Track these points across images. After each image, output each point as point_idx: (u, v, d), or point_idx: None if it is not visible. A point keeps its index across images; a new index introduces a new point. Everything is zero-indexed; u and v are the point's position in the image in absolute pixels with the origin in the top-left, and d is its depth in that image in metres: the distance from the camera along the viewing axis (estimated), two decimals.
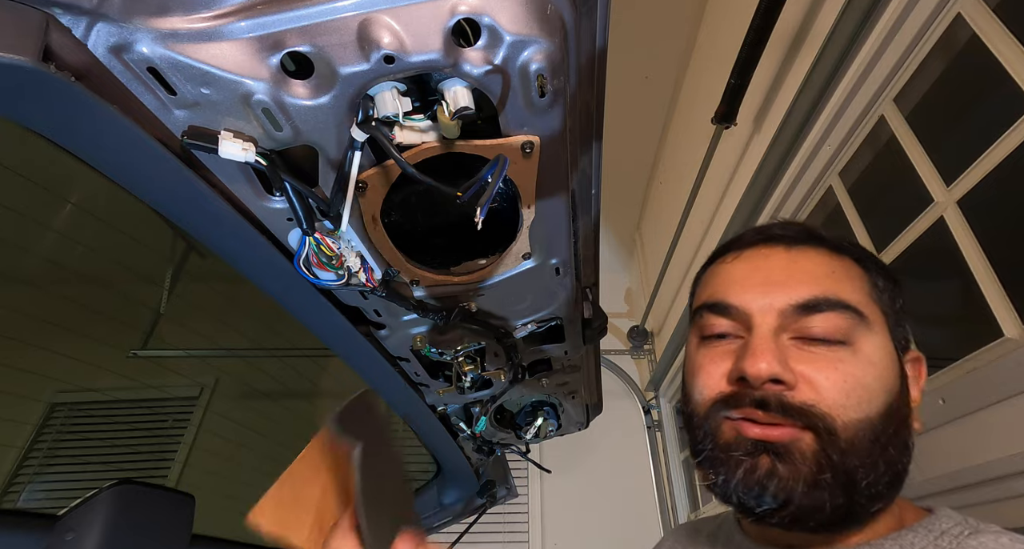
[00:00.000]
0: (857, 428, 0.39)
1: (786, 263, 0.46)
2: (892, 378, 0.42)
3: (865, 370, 0.41)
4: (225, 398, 2.43)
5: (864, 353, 0.41)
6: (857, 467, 0.39)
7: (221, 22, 0.38)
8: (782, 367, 0.41)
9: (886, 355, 0.42)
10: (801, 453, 0.40)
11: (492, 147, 0.49)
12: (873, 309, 0.44)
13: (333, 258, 0.55)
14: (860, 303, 0.43)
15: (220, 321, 2.15)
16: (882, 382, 0.41)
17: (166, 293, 2.14)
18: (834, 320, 0.42)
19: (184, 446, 2.32)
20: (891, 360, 0.43)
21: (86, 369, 2.14)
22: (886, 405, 0.41)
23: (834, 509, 0.39)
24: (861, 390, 0.40)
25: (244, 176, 0.48)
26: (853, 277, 0.45)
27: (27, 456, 2.29)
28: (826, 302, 0.42)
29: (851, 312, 0.42)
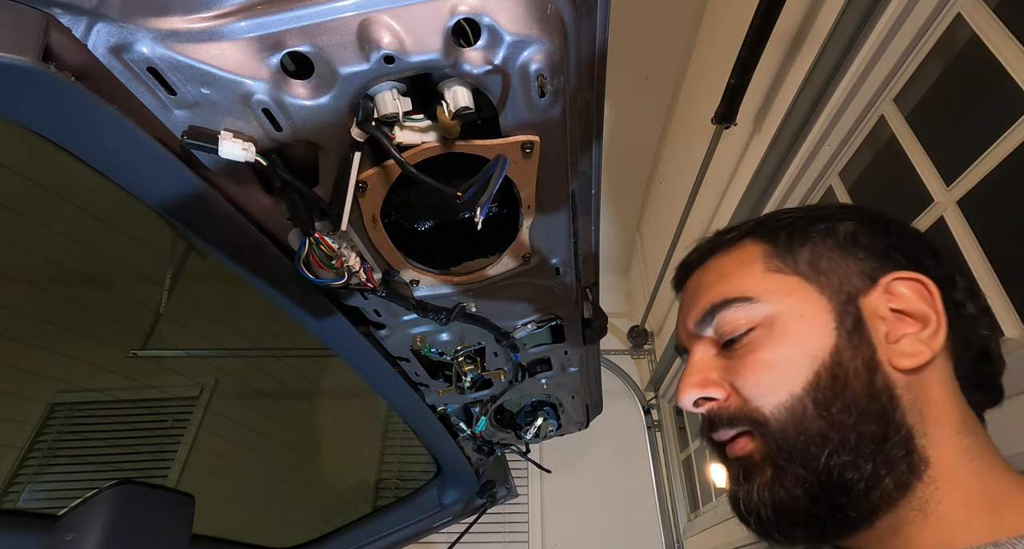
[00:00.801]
0: (782, 408, 0.39)
1: (692, 288, 0.48)
2: (817, 337, 0.39)
3: (776, 347, 0.40)
4: (225, 398, 2.42)
5: (776, 329, 0.41)
6: (804, 447, 0.38)
7: (221, 22, 0.38)
8: (701, 388, 0.43)
9: (805, 316, 0.40)
10: (757, 463, 0.40)
11: (492, 147, 0.49)
12: (774, 279, 0.42)
13: (333, 258, 0.55)
14: (749, 287, 0.43)
15: (220, 321, 2.15)
16: (801, 349, 0.39)
17: (166, 293, 2.14)
18: (728, 318, 0.43)
19: (184, 446, 2.32)
20: (815, 318, 0.40)
21: (86, 369, 2.14)
22: (813, 371, 0.39)
23: (810, 498, 0.38)
24: (773, 371, 0.40)
25: (244, 176, 0.48)
26: (744, 261, 0.45)
27: (27, 456, 2.29)
28: (713, 308, 0.44)
29: (738, 302, 0.43)
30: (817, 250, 0.43)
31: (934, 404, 0.38)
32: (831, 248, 0.43)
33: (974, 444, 0.39)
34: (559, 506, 2.91)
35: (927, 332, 0.39)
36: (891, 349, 0.39)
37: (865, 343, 0.39)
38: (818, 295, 0.41)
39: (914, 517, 0.38)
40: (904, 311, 0.40)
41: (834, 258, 0.42)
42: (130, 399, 2.36)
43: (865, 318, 0.40)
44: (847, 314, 0.40)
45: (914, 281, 0.40)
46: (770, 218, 0.47)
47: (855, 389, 0.38)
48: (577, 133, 0.56)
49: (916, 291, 0.40)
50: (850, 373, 0.38)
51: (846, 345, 0.39)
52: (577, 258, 0.74)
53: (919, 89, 1.20)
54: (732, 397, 0.42)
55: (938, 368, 0.39)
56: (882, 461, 0.37)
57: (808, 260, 0.42)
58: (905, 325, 0.40)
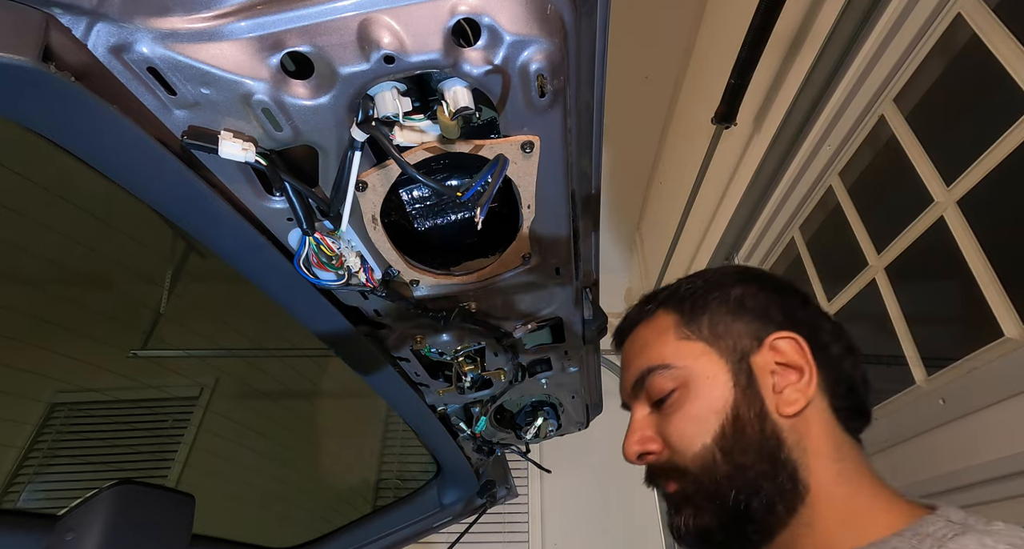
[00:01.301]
0: (697, 458, 0.47)
1: (625, 355, 0.57)
2: (720, 395, 0.48)
3: (693, 405, 0.49)
4: (225, 398, 2.42)
5: (691, 389, 0.49)
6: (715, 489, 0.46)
7: (221, 22, 0.38)
8: (640, 445, 0.52)
9: (711, 377, 0.48)
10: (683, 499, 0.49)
11: (492, 147, 0.49)
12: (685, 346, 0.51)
13: (333, 258, 0.55)
14: (666, 354, 0.51)
15: (220, 321, 2.15)
16: (709, 406, 0.48)
17: (166, 293, 2.14)
18: (655, 382, 0.51)
19: (184, 446, 2.32)
20: (716, 378, 0.48)
21: (86, 369, 2.14)
22: (719, 424, 0.47)
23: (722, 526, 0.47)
24: (692, 425, 0.48)
25: (244, 176, 0.48)
26: (660, 331, 0.53)
27: (27, 456, 2.29)
28: (641, 375, 0.53)
29: (659, 369, 0.51)
30: (714, 317, 0.51)
31: (812, 439, 0.46)
32: (725, 313, 0.51)
33: (844, 468, 0.46)
34: (559, 506, 2.91)
35: (803, 381, 0.47)
36: (777, 398, 0.47)
37: (756, 395, 0.47)
38: (718, 357, 0.49)
39: (803, 532, 0.46)
40: (787, 364, 0.48)
41: (728, 322, 0.50)
42: (130, 399, 2.35)
43: (756, 374, 0.48)
44: (741, 371, 0.48)
45: (789, 339, 0.48)
46: (679, 288, 0.55)
47: (750, 437, 0.46)
48: (577, 133, 0.56)
49: (792, 347, 0.48)
50: (746, 423, 0.46)
51: (742, 399, 0.47)
52: (577, 258, 0.74)
53: (919, 89, 1.20)
54: (664, 450, 0.51)
55: (815, 407, 0.47)
56: (775, 492, 0.45)
57: (708, 326, 0.51)
58: (788, 375, 0.48)
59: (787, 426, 0.46)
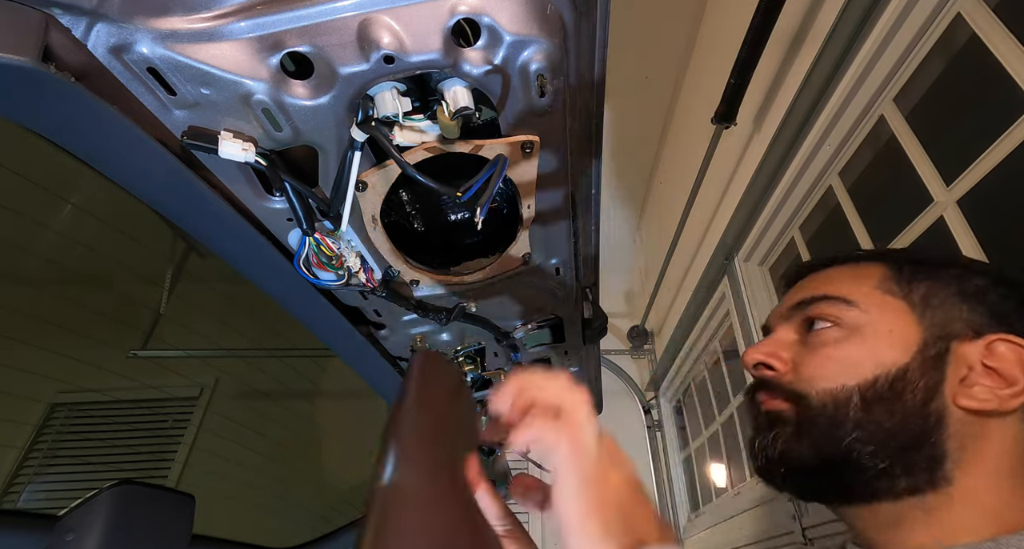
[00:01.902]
0: (828, 394, 0.43)
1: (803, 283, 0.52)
2: (893, 352, 0.43)
3: (849, 348, 0.44)
4: (225, 398, 2.42)
5: (857, 335, 0.45)
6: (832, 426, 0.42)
7: (221, 22, 0.37)
8: (765, 356, 0.48)
9: (892, 332, 0.44)
10: (785, 420, 0.45)
11: (492, 147, 0.49)
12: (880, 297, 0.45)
13: (333, 258, 0.55)
14: (853, 292, 0.46)
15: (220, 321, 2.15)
16: (872, 355, 0.43)
17: (166, 293, 2.14)
18: (821, 308, 0.47)
19: (184, 446, 2.32)
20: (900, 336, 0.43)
21: (86, 369, 2.14)
22: (874, 375, 0.42)
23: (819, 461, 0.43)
24: (836, 365, 0.44)
25: (244, 176, 0.48)
26: (859, 275, 0.48)
27: (27, 456, 2.29)
28: (813, 298, 0.48)
29: (835, 300, 0.46)
30: (936, 289, 0.45)
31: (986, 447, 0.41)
32: (952, 293, 0.45)
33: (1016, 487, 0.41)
34: None
35: (1007, 391, 0.41)
36: (961, 389, 0.42)
37: (939, 372, 0.42)
38: (915, 322, 0.44)
39: (917, 515, 0.42)
40: (997, 369, 0.42)
41: (950, 300, 0.44)
42: (130, 399, 2.35)
43: (951, 358, 0.42)
44: (934, 346, 0.43)
45: (1017, 346, 0.42)
46: (906, 250, 0.51)
47: (907, 402, 0.42)
48: (577, 133, 0.56)
49: (1016, 356, 0.41)
50: (909, 388, 0.42)
51: (918, 367, 0.42)
52: (577, 258, 0.74)
53: (919, 89, 1.20)
54: (789, 373, 0.47)
55: (1005, 424, 0.42)
56: (901, 462, 0.41)
57: (923, 294, 0.45)
58: (989, 379, 0.42)
59: (959, 416, 0.41)
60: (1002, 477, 0.41)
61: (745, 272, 1.96)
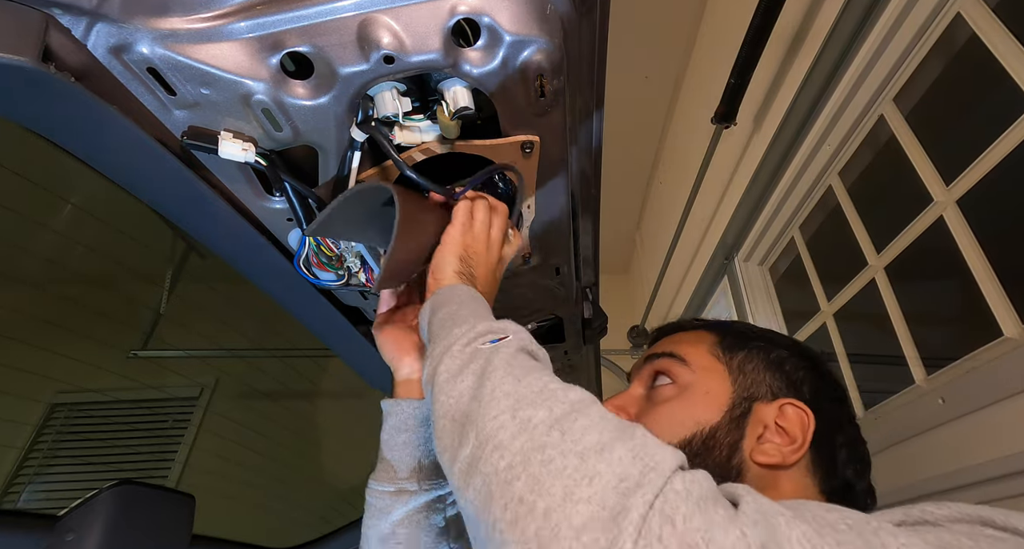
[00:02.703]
0: None
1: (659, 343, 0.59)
2: (708, 412, 0.49)
3: (677, 405, 0.51)
4: (225, 398, 2.42)
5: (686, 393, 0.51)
6: None
7: (221, 22, 0.37)
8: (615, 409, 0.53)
9: (710, 394, 0.50)
10: None
11: (492, 147, 0.49)
12: (709, 360, 0.53)
13: (333, 258, 0.55)
14: (689, 354, 0.53)
15: (220, 321, 2.15)
16: (693, 415, 0.49)
17: (166, 293, 2.14)
18: (664, 365, 0.54)
19: (184, 446, 2.32)
20: (715, 398, 0.50)
21: (86, 369, 2.14)
22: (692, 433, 0.48)
23: None
24: (665, 421, 0.50)
25: (244, 176, 0.48)
26: (697, 340, 0.55)
27: (27, 456, 2.29)
28: (661, 354, 0.55)
29: (673, 358, 0.53)
30: (749, 357, 0.53)
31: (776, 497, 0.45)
32: (760, 361, 0.53)
33: None
34: None
35: (789, 448, 0.48)
36: (756, 445, 0.48)
37: (739, 431, 0.49)
38: (728, 386, 0.51)
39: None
40: (784, 428, 0.49)
41: (758, 368, 0.52)
42: (130, 399, 2.35)
43: (751, 418, 0.49)
44: (739, 407, 0.50)
45: (802, 411, 0.49)
46: (733, 324, 0.59)
47: (715, 458, 0.47)
48: (577, 133, 0.56)
49: (799, 418, 0.49)
50: (717, 446, 0.48)
51: (726, 426, 0.49)
52: (577, 258, 0.74)
53: (919, 89, 1.20)
54: None
55: (792, 476, 0.48)
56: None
57: (739, 361, 0.53)
58: (778, 437, 0.48)
59: (755, 470, 0.48)
60: None
61: (745, 272, 1.96)
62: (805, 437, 0.48)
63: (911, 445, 1.06)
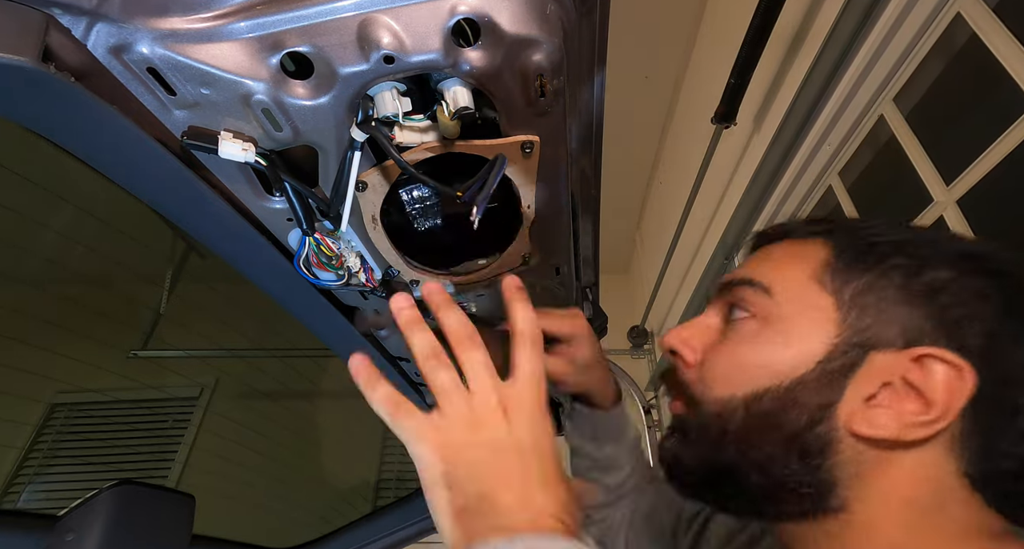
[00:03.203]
0: (717, 402, 0.39)
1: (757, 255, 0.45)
2: (792, 359, 0.36)
3: (754, 350, 0.38)
4: (225, 398, 2.43)
5: (770, 331, 0.38)
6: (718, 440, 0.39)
7: (221, 22, 0.38)
8: (680, 342, 0.43)
9: (800, 334, 0.37)
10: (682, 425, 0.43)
11: (492, 147, 0.49)
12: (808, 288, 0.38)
13: (333, 258, 0.55)
14: (778, 280, 0.39)
15: (220, 321, 2.16)
16: (769, 361, 0.37)
17: (166, 293, 2.14)
18: (743, 294, 0.41)
19: (184, 446, 2.32)
20: (805, 340, 0.37)
21: (86, 369, 2.14)
22: (764, 387, 0.37)
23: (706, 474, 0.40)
24: (734, 369, 0.39)
25: (244, 176, 0.48)
26: (799, 257, 0.40)
27: (27, 456, 2.29)
28: (734, 281, 0.42)
29: (752, 286, 0.40)
30: (875, 284, 0.36)
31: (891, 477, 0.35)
32: (895, 288, 0.36)
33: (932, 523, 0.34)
34: None
35: (919, 418, 0.33)
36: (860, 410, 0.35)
37: (835, 389, 0.35)
38: (832, 325, 0.36)
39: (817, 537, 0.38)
40: (917, 387, 0.34)
41: (886, 300, 0.36)
42: (130, 399, 2.36)
43: (859, 370, 0.35)
44: (843, 355, 0.35)
45: (954, 367, 0.33)
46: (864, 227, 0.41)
47: (790, 423, 0.36)
48: (577, 133, 0.56)
49: (946, 377, 0.33)
50: (796, 407, 0.36)
51: (813, 383, 0.36)
52: (577, 258, 0.74)
53: (919, 89, 1.20)
54: (695, 368, 0.42)
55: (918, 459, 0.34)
56: (784, 487, 0.37)
57: (856, 288, 0.37)
58: (902, 400, 0.34)
59: (849, 444, 0.35)
60: (913, 512, 0.34)
61: None
62: (950, 405, 0.32)
63: None
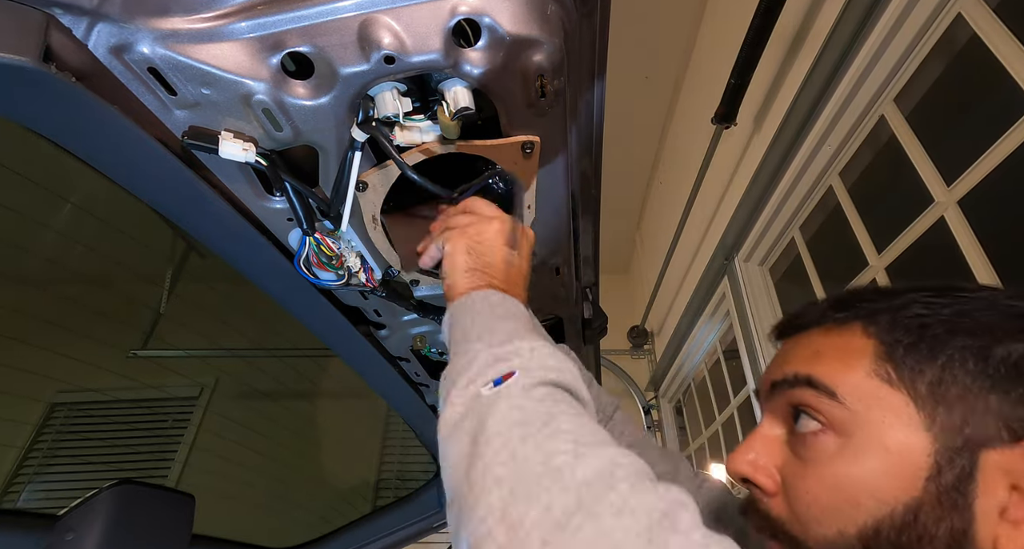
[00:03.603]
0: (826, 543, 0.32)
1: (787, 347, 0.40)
2: (894, 481, 0.31)
3: (847, 469, 0.32)
4: (225, 398, 2.43)
5: (851, 445, 0.33)
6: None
7: (221, 22, 0.38)
8: (751, 470, 0.37)
9: (892, 448, 0.31)
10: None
11: (492, 147, 0.49)
12: (874, 386, 0.33)
13: (333, 258, 0.55)
14: (842, 382, 0.34)
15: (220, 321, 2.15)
16: (869, 486, 0.31)
17: (166, 293, 2.14)
18: (804, 397, 0.35)
19: (184, 446, 2.32)
20: (901, 454, 0.31)
21: (86, 369, 2.14)
22: (875, 518, 0.31)
23: None
24: (831, 500, 0.32)
25: (244, 176, 0.48)
26: (847, 350, 0.35)
27: (27, 456, 2.29)
28: (790, 379, 0.36)
29: (819, 391, 0.34)
30: (950, 371, 0.32)
31: None
32: (972, 374, 0.31)
33: None
34: None
35: None
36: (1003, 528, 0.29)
37: (962, 507, 0.30)
38: (921, 427, 0.31)
39: None
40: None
41: (970, 389, 0.31)
42: (130, 399, 2.36)
43: (979, 477, 0.30)
44: (952, 466, 0.30)
45: None
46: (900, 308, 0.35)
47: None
48: (577, 133, 0.56)
49: None
50: (924, 539, 0.30)
51: (933, 504, 0.30)
52: (577, 258, 0.74)
53: (919, 89, 1.20)
54: (779, 499, 0.36)
55: None
56: None
57: (930, 381, 0.32)
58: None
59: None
60: None
61: (745, 272, 1.96)
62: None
63: None
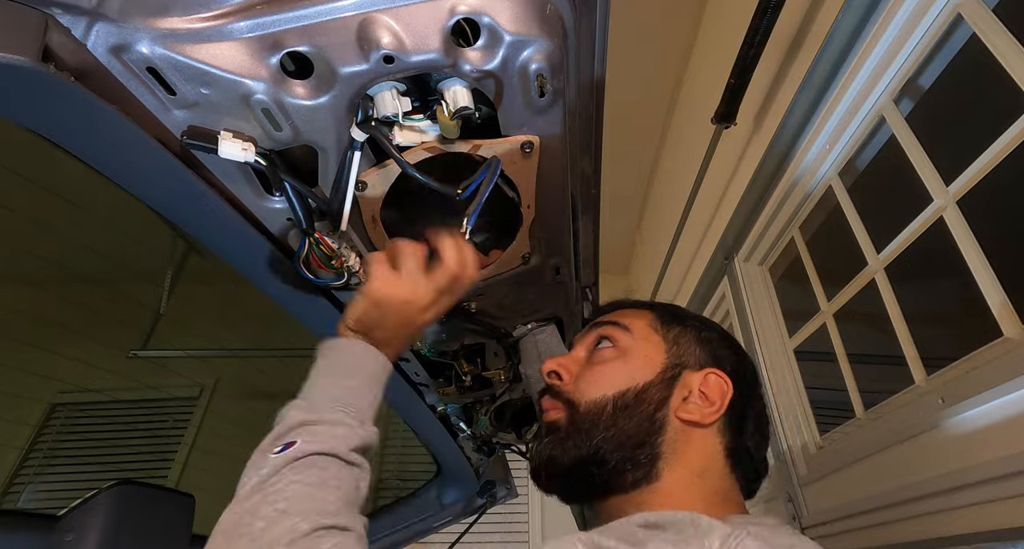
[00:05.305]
0: (592, 402, 0.56)
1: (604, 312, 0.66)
2: (643, 372, 0.57)
3: (617, 367, 0.58)
4: (225, 398, 2.42)
5: (624, 357, 0.58)
6: (589, 429, 0.55)
7: (221, 22, 0.38)
8: (558, 366, 0.60)
9: (647, 358, 0.58)
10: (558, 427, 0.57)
11: (492, 147, 0.49)
12: (648, 331, 0.60)
13: (333, 258, 0.55)
14: (632, 324, 0.60)
15: (220, 321, 2.15)
16: (629, 373, 0.57)
17: (166, 293, 2.14)
18: (608, 331, 0.61)
19: (184, 446, 2.32)
20: (650, 362, 0.58)
21: (86, 369, 2.14)
22: (627, 388, 0.55)
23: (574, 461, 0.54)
24: (602, 379, 0.57)
25: (244, 176, 0.48)
26: (638, 315, 0.62)
27: (27, 456, 2.29)
28: (606, 321, 0.62)
29: (618, 326, 0.60)
30: (684, 332, 0.61)
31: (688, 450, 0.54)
32: (692, 338, 0.60)
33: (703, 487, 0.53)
34: (559, 506, 2.90)
35: (708, 409, 0.55)
36: (681, 404, 0.56)
37: (668, 391, 0.56)
38: (664, 354, 0.59)
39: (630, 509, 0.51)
40: (705, 393, 0.56)
41: (690, 342, 0.60)
42: (130, 399, 2.36)
43: (679, 381, 0.57)
44: (671, 371, 0.57)
45: (723, 380, 0.56)
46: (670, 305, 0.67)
47: (643, 411, 0.55)
48: (577, 133, 0.56)
49: (719, 386, 0.56)
50: (647, 400, 0.55)
51: (658, 384, 0.56)
52: (577, 258, 0.74)
53: (919, 89, 1.20)
54: (570, 385, 0.59)
55: (705, 435, 0.55)
56: (632, 459, 0.53)
57: (674, 335, 0.60)
58: (700, 400, 0.56)
59: (676, 425, 0.55)
60: (694, 476, 0.53)
61: (745, 272, 1.95)
62: (722, 402, 0.55)
63: (911, 445, 1.06)
